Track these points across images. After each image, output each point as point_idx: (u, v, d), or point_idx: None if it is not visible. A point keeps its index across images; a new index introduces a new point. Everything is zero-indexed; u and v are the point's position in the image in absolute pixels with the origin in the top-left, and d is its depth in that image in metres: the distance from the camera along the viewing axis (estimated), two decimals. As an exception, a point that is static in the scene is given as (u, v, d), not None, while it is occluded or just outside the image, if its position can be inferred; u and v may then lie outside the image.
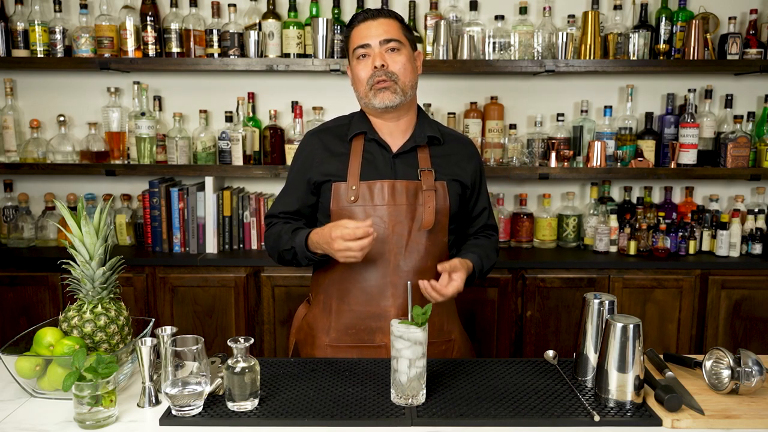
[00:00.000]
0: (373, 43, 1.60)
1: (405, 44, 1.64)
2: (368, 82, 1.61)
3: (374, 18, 1.62)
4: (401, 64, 1.61)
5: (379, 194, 1.60)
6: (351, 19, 1.68)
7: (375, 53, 1.60)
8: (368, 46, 1.61)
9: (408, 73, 1.63)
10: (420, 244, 1.61)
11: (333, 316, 1.65)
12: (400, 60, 1.62)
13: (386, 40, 1.60)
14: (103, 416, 1.21)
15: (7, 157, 2.83)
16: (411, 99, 1.67)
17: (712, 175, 2.83)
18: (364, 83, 1.62)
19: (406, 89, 1.62)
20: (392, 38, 1.61)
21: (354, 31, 1.65)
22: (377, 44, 1.60)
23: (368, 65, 1.61)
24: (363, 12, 1.66)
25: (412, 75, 1.64)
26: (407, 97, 1.64)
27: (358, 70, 1.63)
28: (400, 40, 1.62)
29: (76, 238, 1.40)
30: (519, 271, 2.66)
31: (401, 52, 1.62)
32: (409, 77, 1.63)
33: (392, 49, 1.61)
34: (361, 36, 1.62)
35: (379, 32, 1.61)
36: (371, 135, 1.66)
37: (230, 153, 2.79)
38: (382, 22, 1.62)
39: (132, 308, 2.52)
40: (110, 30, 2.73)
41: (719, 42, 2.82)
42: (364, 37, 1.61)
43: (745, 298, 2.68)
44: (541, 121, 2.91)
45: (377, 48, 1.60)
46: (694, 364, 1.44)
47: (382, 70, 1.59)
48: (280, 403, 1.29)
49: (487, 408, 1.27)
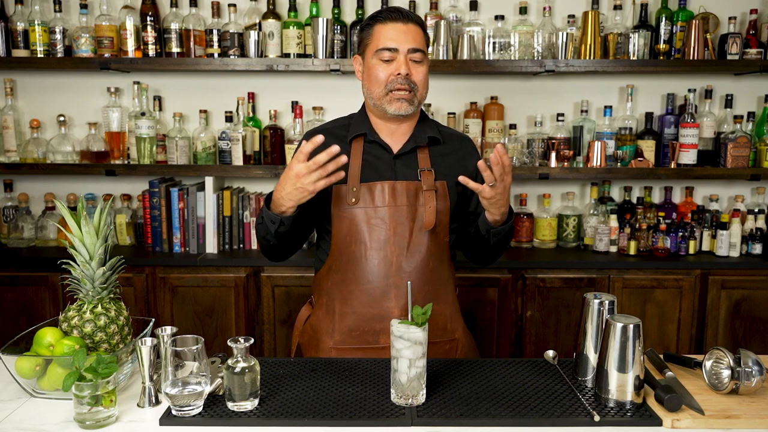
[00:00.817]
0: (401, 48, 1.58)
1: (426, 56, 1.63)
2: (387, 86, 1.59)
3: (405, 22, 1.59)
4: (423, 75, 1.61)
5: (379, 196, 1.60)
6: (377, 14, 1.63)
7: (401, 60, 1.58)
8: (396, 51, 1.58)
9: (426, 85, 1.63)
10: (422, 244, 1.61)
11: (336, 319, 1.64)
12: (422, 71, 1.61)
13: (414, 50, 1.59)
14: (103, 416, 1.21)
15: (7, 157, 2.83)
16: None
17: (712, 175, 2.83)
18: (382, 86, 1.60)
19: (421, 100, 1.64)
20: (419, 49, 1.59)
21: (381, 28, 1.60)
22: (405, 51, 1.58)
23: (390, 69, 1.59)
24: (394, 10, 1.61)
25: (427, 86, 1.65)
26: (419, 107, 1.65)
27: (377, 70, 1.60)
28: (425, 51, 1.62)
29: (76, 238, 1.40)
30: (519, 271, 2.66)
31: (423, 63, 1.62)
32: (425, 90, 1.64)
33: (417, 61, 1.60)
34: (389, 38, 1.59)
35: (408, 39, 1.58)
36: (371, 136, 1.66)
37: (230, 153, 2.79)
38: (412, 29, 1.60)
39: (132, 308, 2.52)
40: (110, 30, 2.73)
41: (719, 42, 2.82)
42: (393, 40, 1.58)
43: (745, 298, 2.68)
44: (541, 121, 2.91)
45: (404, 54, 1.58)
46: (694, 364, 1.44)
47: (406, 78, 1.58)
48: (280, 403, 1.29)
49: (487, 408, 1.27)
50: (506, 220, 1.60)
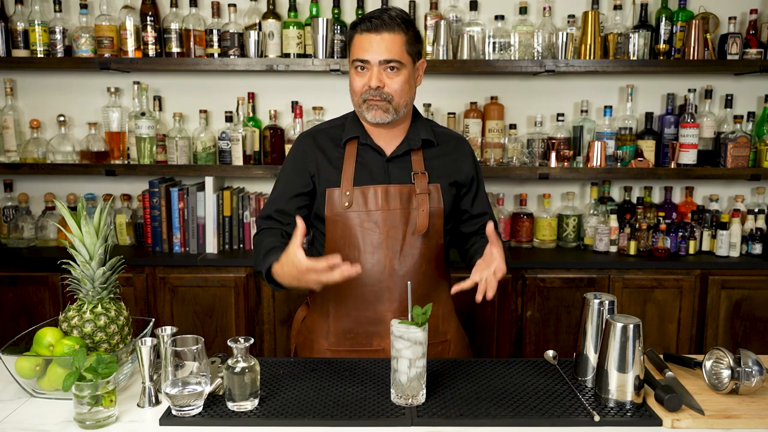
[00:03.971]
0: (372, 60, 1.54)
1: (406, 64, 1.57)
2: (362, 96, 1.58)
3: (378, 31, 1.53)
4: (399, 84, 1.56)
5: (372, 199, 1.59)
6: (355, 22, 1.60)
7: (373, 71, 1.54)
8: (367, 62, 1.55)
9: (404, 93, 1.58)
10: (415, 248, 1.60)
11: (331, 321, 1.65)
12: (398, 80, 1.55)
13: (386, 61, 1.54)
14: (103, 416, 1.21)
15: (7, 157, 2.83)
16: (406, 112, 1.64)
17: (712, 175, 2.83)
18: (357, 95, 1.59)
19: (399, 108, 1.59)
20: (392, 59, 1.54)
21: (355, 39, 1.58)
22: (376, 63, 1.54)
23: (364, 79, 1.57)
24: (367, 19, 1.56)
25: (408, 94, 1.59)
26: (400, 114, 1.60)
27: (354, 80, 1.59)
28: (401, 60, 1.55)
29: (76, 238, 1.40)
30: (519, 271, 2.66)
31: (400, 72, 1.56)
32: (405, 98, 1.58)
33: (392, 68, 1.55)
34: (361, 48, 1.55)
35: (380, 50, 1.53)
36: (364, 140, 1.64)
37: (230, 153, 2.79)
38: (385, 38, 1.53)
39: (132, 308, 2.52)
40: (110, 30, 2.73)
41: (719, 42, 2.82)
42: (364, 51, 1.55)
43: (745, 298, 2.68)
44: (541, 121, 2.91)
45: (376, 66, 1.54)
46: (694, 364, 1.44)
47: (377, 90, 1.55)
48: (280, 403, 1.29)
49: (487, 408, 1.27)
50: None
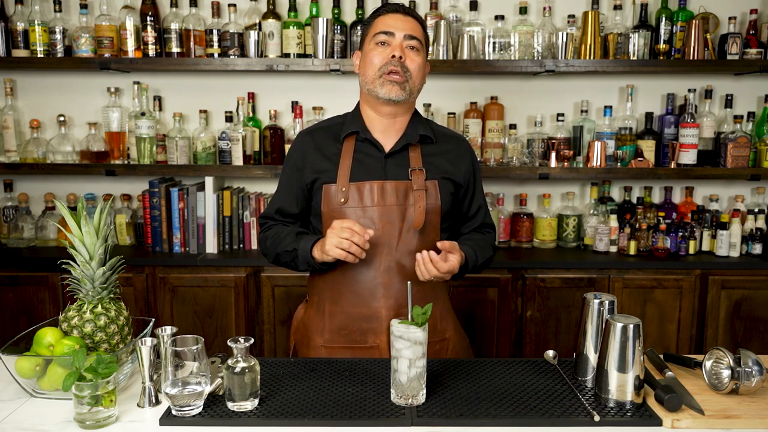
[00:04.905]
0: (398, 33, 1.61)
1: (423, 48, 1.66)
2: (381, 69, 1.60)
3: (404, 14, 1.64)
4: (417, 64, 1.62)
5: (368, 195, 1.60)
6: (378, 9, 1.68)
7: (396, 44, 1.61)
8: (392, 34, 1.61)
9: (420, 75, 1.65)
10: (411, 244, 1.61)
11: (326, 318, 1.65)
12: (417, 60, 1.63)
13: (411, 36, 1.62)
14: (103, 416, 1.21)
15: (7, 157, 2.83)
16: (412, 101, 1.68)
17: (712, 175, 2.83)
18: (375, 69, 1.61)
19: (414, 89, 1.64)
20: (416, 37, 1.62)
21: (379, 18, 1.65)
22: (401, 37, 1.61)
23: (385, 53, 1.61)
24: (394, 4, 1.68)
25: (422, 78, 1.66)
26: (412, 97, 1.65)
27: (373, 54, 1.62)
28: (422, 41, 1.65)
29: (76, 238, 1.40)
30: (519, 271, 2.66)
31: (419, 53, 1.64)
32: (420, 79, 1.65)
33: (413, 48, 1.62)
34: (386, 24, 1.62)
35: (405, 26, 1.62)
36: (363, 134, 1.65)
37: (230, 153, 2.79)
38: (410, 20, 1.64)
39: (132, 308, 2.52)
40: (110, 30, 2.73)
41: (719, 42, 2.82)
42: (390, 26, 1.61)
43: (745, 298, 2.68)
44: (541, 121, 2.91)
45: (400, 40, 1.61)
46: (694, 364, 1.44)
47: (399, 61, 1.59)
48: (280, 403, 1.29)
49: (487, 408, 1.27)
50: (468, 266, 1.63)
